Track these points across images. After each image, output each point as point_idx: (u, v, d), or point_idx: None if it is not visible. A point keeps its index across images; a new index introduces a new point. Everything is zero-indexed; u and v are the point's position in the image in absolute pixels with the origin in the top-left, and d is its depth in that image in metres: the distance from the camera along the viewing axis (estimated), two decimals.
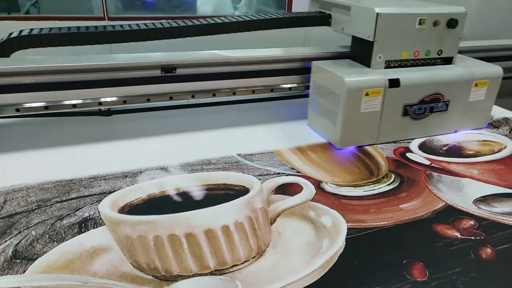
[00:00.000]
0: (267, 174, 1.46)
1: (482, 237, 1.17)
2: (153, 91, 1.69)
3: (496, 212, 1.30)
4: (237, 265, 1.05)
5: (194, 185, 1.35)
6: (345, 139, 1.66)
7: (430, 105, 1.71)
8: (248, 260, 1.07)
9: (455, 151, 1.72)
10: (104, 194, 1.30)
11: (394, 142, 1.75)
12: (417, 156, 1.66)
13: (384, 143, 1.73)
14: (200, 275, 1.02)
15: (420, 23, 1.62)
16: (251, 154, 1.60)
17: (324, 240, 1.13)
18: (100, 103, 1.63)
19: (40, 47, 1.58)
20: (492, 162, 1.63)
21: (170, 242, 1.06)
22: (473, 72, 1.76)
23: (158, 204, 1.26)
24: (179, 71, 1.69)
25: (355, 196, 1.36)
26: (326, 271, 1.02)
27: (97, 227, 1.16)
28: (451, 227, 1.22)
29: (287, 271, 1.02)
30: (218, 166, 1.50)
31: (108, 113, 1.89)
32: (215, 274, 1.03)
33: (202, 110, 2.03)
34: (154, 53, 1.73)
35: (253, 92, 1.85)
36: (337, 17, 1.85)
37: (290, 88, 1.90)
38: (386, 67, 1.69)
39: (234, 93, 1.82)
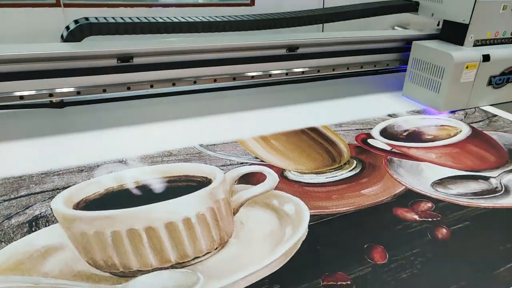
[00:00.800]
0: (230, 164, 1.43)
1: (439, 218, 1.21)
2: (109, 81, 1.61)
3: (452, 193, 1.35)
4: (199, 257, 1.03)
5: (155, 177, 1.31)
6: (446, 104, 2.02)
7: (508, 76, 2.13)
8: (210, 252, 1.05)
9: (415, 136, 1.77)
10: (58, 190, 1.23)
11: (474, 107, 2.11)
12: (378, 142, 1.69)
13: (470, 108, 2.10)
14: (161, 269, 0.99)
15: (503, 9, 2.01)
16: (214, 145, 1.57)
17: (287, 228, 1.13)
18: (51, 95, 1.54)
19: (116, 34, 1.67)
20: (448, 146, 1.69)
21: (129, 237, 1.02)
22: None
23: (117, 199, 1.21)
24: (136, 60, 1.63)
25: (317, 183, 1.37)
26: (289, 259, 1.02)
27: (49, 225, 1.10)
28: (410, 210, 1.25)
29: (250, 260, 1.01)
30: (180, 158, 1.46)
31: (61, 105, 1.79)
32: (176, 267, 1.00)
33: (164, 100, 1.97)
34: (109, 42, 1.65)
35: (215, 80, 1.81)
36: (427, 4, 2.20)
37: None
38: (473, 45, 2.06)
39: (195, 82, 1.77)
